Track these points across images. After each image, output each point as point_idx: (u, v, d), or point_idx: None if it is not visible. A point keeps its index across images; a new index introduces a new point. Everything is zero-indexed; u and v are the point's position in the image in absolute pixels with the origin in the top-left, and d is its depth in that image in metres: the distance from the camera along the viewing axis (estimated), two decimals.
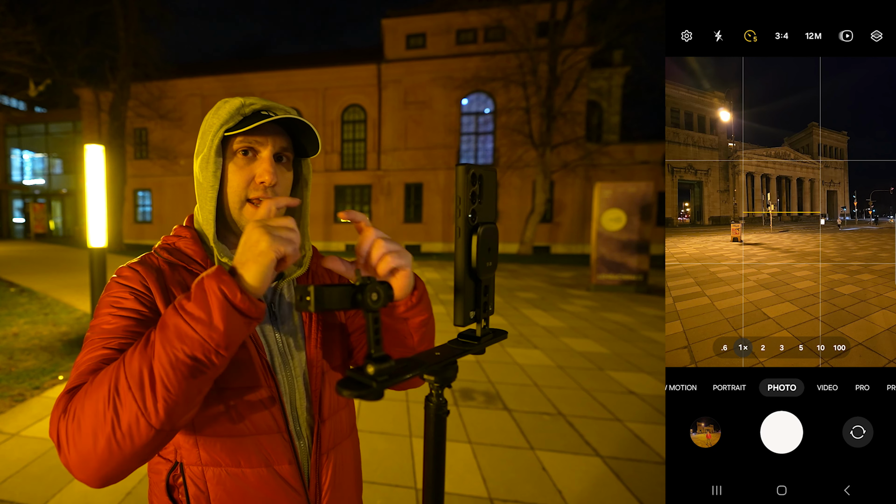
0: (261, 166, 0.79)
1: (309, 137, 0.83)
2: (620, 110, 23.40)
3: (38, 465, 2.75)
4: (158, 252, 0.82)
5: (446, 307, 8.09)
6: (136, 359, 0.60)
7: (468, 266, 0.59)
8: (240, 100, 0.80)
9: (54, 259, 14.57)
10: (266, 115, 0.78)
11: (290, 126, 0.82)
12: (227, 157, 0.80)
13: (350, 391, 0.53)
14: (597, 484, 2.68)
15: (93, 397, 0.60)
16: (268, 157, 0.79)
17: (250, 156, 0.80)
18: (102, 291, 0.78)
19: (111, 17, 19.28)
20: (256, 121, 0.77)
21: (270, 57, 38.98)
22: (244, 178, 0.79)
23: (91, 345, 0.70)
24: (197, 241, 0.82)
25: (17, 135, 28.29)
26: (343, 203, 24.11)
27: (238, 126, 0.78)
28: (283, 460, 0.77)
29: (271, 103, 0.81)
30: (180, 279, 0.79)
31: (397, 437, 3.15)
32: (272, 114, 0.79)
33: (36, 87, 18.03)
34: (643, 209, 9.97)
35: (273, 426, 0.77)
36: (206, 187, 0.79)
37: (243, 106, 0.79)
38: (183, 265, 0.80)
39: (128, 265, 0.79)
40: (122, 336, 0.70)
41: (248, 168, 0.79)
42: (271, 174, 0.78)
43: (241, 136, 0.79)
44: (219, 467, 0.74)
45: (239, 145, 0.79)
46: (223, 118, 0.78)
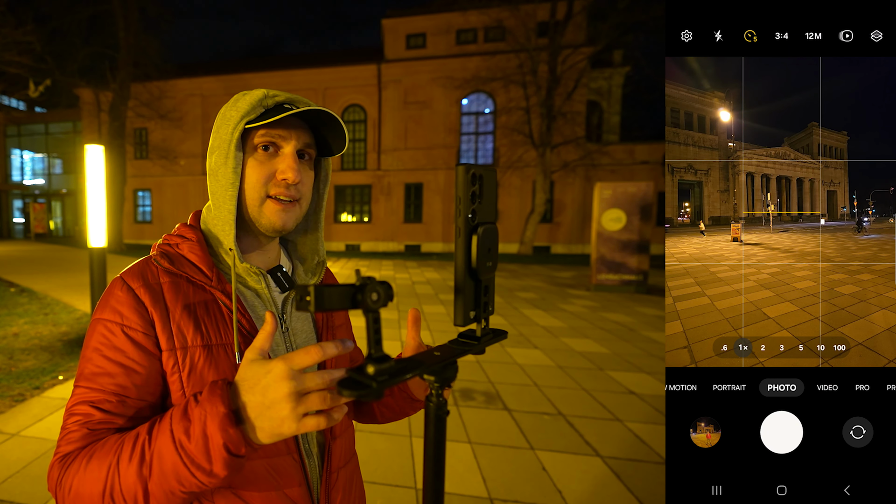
0: (284, 162, 0.73)
1: (335, 133, 0.77)
2: (620, 110, 23.42)
3: (38, 465, 2.75)
4: (158, 260, 0.74)
5: (446, 307, 8.09)
6: (132, 472, 0.58)
7: (468, 266, 0.59)
8: (262, 91, 0.74)
9: (54, 259, 14.57)
10: (289, 109, 0.72)
11: (314, 122, 0.76)
12: (247, 152, 0.74)
13: (350, 391, 0.53)
14: (597, 484, 2.68)
15: (88, 487, 0.60)
16: (291, 153, 0.74)
17: (272, 151, 0.74)
18: (98, 301, 0.72)
19: (111, 17, 19.28)
20: (279, 114, 0.71)
21: (271, 57, 39.04)
22: (264, 174, 0.73)
23: (79, 392, 0.67)
24: (202, 246, 0.75)
25: (17, 135, 28.29)
26: (343, 203, 24.13)
27: (259, 119, 0.72)
28: (294, 483, 0.73)
29: (295, 96, 0.75)
30: (182, 294, 0.72)
31: (397, 437, 3.15)
32: (295, 107, 0.73)
33: (36, 87, 18.01)
34: (643, 209, 9.97)
35: (283, 448, 0.73)
36: (224, 185, 0.73)
37: (266, 97, 0.73)
38: (185, 276, 0.73)
39: (122, 280, 0.71)
40: (109, 392, 0.66)
41: (270, 163, 0.74)
42: (295, 171, 0.73)
43: (264, 130, 0.73)
44: (228, 490, 0.70)
45: (260, 139, 0.73)
46: (244, 110, 0.72)
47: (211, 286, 0.73)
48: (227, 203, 0.73)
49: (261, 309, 0.78)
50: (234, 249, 0.74)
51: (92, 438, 0.65)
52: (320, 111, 0.73)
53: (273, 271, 0.82)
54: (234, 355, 0.71)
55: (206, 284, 0.73)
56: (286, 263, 0.87)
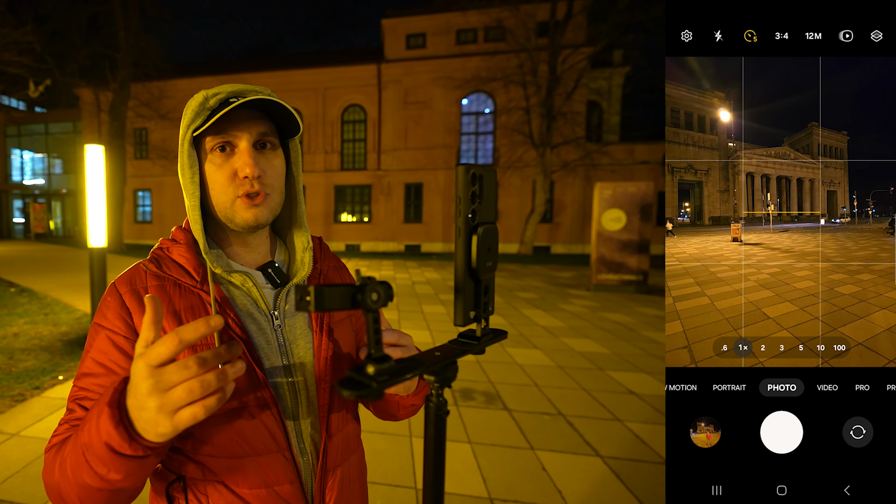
0: (241, 159, 0.72)
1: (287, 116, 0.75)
2: (620, 110, 23.41)
3: (38, 465, 2.75)
4: (147, 265, 0.75)
5: (446, 307, 8.09)
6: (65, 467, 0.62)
7: (468, 266, 0.59)
8: (202, 94, 0.72)
9: (54, 259, 14.57)
10: (233, 104, 0.70)
11: (266, 108, 0.74)
12: (205, 158, 0.74)
13: (350, 391, 0.53)
14: (597, 484, 2.68)
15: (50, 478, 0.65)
16: (246, 149, 0.73)
17: (228, 151, 0.73)
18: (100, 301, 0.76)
19: (111, 17, 19.26)
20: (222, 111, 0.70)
21: (271, 57, 38.99)
22: (226, 176, 0.73)
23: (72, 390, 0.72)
24: (191, 248, 0.76)
25: (17, 135, 28.29)
26: (343, 203, 24.13)
27: (205, 122, 0.71)
28: (284, 480, 0.73)
29: (239, 87, 0.73)
30: (168, 300, 0.73)
31: (397, 437, 3.15)
32: (237, 99, 0.71)
33: (36, 87, 18.00)
34: (643, 209, 9.97)
35: (272, 446, 0.73)
36: (188, 195, 0.75)
37: (206, 99, 0.72)
38: (172, 279, 0.74)
39: (114, 286, 0.74)
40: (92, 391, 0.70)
41: (228, 164, 0.73)
42: (252, 166, 0.72)
43: (211, 133, 0.72)
44: (220, 484, 0.72)
45: (212, 142, 0.73)
46: (188, 118, 0.72)
47: (198, 288, 0.74)
48: (193, 212, 0.75)
49: (252, 307, 0.77)
50: (206, 258, 0.75)
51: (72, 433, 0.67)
52: (259, 100, 0.71)
53: (264, 267, 0.81)
54: None
55: (193, 287, 0.74)
56: (284, 256, 0.86)
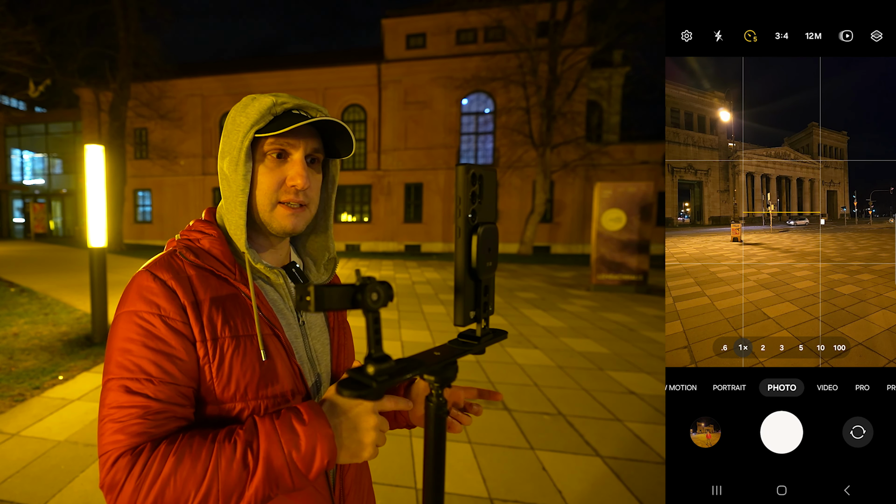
0: (293, 169, 0.76)
1: (342, 139, 0.80)
2: (620, 110, 23.40)
3: (38, 465, 2.75)
4: (183, 254, 0.75)
5: (446, 307, 8.09)
6: (233, 475, 0.63)
7: (468, 266, 0.59)
8: (270, 98, 0.75)
9: (54, 259, 14.57)
10: (297, 115, 0.75)
11: (322, 127, 0.78)
12: (257, 159, 0.77)
13: (350, 391, 0.53)
14: (597, 484, 2.68)
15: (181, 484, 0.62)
16: (300, 160, 0.76)
17: (282, 158, 0.77)
18: (124, 296, 0.71)
19: (111, 17, 19.26)
20: (288, 121, 0.73)
21: (271, 57, 39.01)
22: (275, 181, 0.76)
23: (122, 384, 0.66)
24: (223, 241, 0.78)
25: (17, 135, 28.28)
26: (343, 203, 24.13)
27: (269, 127, 0.74)
28: None
29: (303, 102, 0.77)
30: (210, 288, 0.73)
31: (397, 436, 3.15)
32: (304, 114, 0.76)
33: (36, 87, 17.99)
34: (643, 209, 9.97)
35: None
36: (235, 191, 0.76)
37: (274, 105, 0.75)
38: (210, 270, 0.75)
39: (151, 273, 0.72)
40: (159, 381, 0.67)
41: (280, 170, 0.76)
42: (304, 178, 0.75)
43: (273, 139, 0.75)
44: None
45: (270, 147, 0.76)
46: (253, 118, 0.74)
47: (235, 280, 0.76)
48: (238, 209, 0.76)
49: (281, 304, 0.81)
50: (246, 253, 0.76)
51: (156, 429, 0.65)
52: (330, 122, 0.76)
53: (287, 268, 0.86)
54: (258, 348, 0.74)
55: (230, 278, 0.76)
56: (297, 260, 0.91)
